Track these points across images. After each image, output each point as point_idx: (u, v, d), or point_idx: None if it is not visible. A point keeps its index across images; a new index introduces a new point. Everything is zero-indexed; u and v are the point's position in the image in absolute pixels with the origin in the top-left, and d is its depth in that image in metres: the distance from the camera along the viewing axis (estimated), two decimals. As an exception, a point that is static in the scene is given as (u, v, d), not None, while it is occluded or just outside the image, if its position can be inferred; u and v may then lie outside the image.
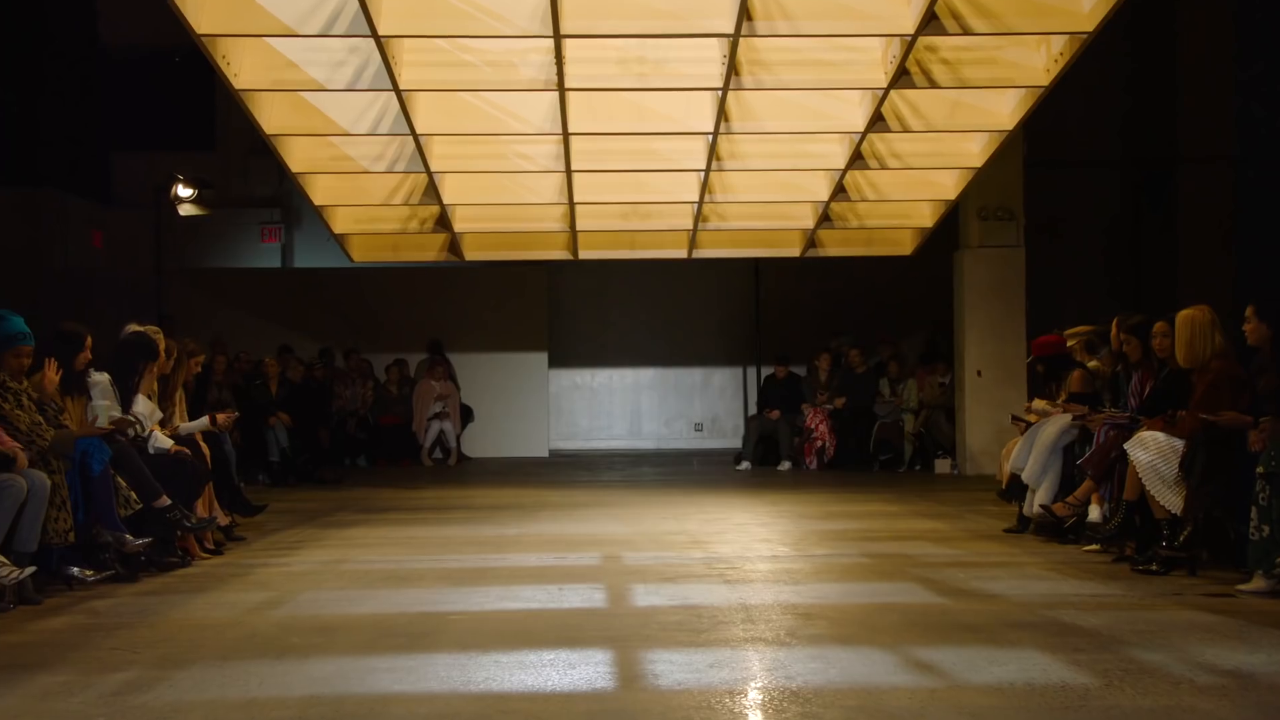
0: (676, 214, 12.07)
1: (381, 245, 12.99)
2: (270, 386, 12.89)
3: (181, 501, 7.07)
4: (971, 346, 12.97)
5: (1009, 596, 5.90)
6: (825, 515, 9.48)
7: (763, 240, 12.96)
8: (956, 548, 7.63)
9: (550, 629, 5.23)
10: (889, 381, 13.89)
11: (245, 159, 16.75)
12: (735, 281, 16.96)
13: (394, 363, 15.43)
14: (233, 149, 16.92)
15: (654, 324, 16.88)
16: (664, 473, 13.91)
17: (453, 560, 7.35)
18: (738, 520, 9.15)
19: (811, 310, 16.74)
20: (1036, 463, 7.94)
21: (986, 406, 12.77)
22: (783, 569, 6.79)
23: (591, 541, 8.12)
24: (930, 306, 15.83)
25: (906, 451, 13.64)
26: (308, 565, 7.19)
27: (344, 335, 15.81)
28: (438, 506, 10.60)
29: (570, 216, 11.88)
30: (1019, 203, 12.95)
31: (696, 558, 7.23)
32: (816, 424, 13.98)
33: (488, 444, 15.97)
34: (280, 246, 17.27)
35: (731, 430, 17.21)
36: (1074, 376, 8.27)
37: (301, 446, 12.86)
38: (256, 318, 15.75)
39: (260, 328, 15.54)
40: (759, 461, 14.32)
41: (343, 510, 10.17)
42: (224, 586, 6.48)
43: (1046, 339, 8.79)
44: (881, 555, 7.33)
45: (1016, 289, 12.94)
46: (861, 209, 12.08)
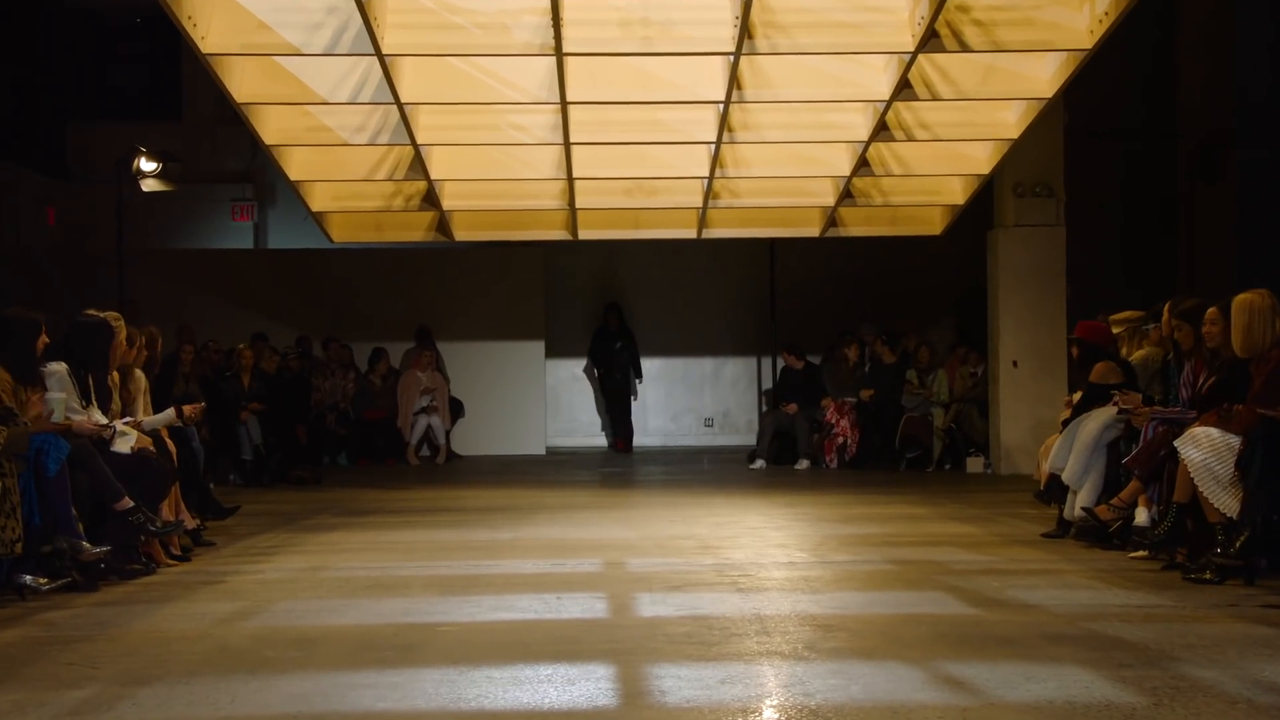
0: (684, 190, 12.05)
1: (363, 224, 12.98)
2: (242, 378, 12.88)
3: (145, 504, 7.07)
4: (1006, 335, 12.95)
5: (1048, 607, 5.89)
6: (846, 518, 9.48)
7: (779, 219, 12.95)
8: (990, 554, 7.62)
9: (548, 641, 5.22)
10: (917, 372, 13.87)
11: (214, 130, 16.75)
12: (748, 264, 16.94)
13: (377, 352, 15.44)
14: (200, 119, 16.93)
15: (660, 311, 16.88)
16: (671, 472, 13.90)
17: (442, 567, 7.34)
18: (751, 523, 9.15)
19: (832, 296, 16.72)
20: (1078, 461, 7.93)
21: (1023, 400, 12.76)
22: (800, 576, 6.78)
23: (592, 546, 8.11)
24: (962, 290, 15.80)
25: (935, 449, 13.63)
26: (284, 572, 7.18)
27: (322, 322, 15.81)
28: (425, 508, 10.59)
29: (569, 193, 11.87)
30: (1059, 178, 12.92)
31: (706, 564, 7.23)
32: (837, 419, 13.97)
33: (479, 441, 15.97)
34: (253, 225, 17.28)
35: (744, 426, 17.21)
36: (1097, 368, 8.25)
37: (276, 443, 12.86)
38: (227, 303, 15.75)
39: (231, 314, 15.54)
40: (774, 460, 14.32)
41: (322, 513, 10.17)
42: (192, 596, 6.48)
43: (1092, 323, 8.78)
44: (908, 562, 7.32)
45: (1056, 271, 12.91)
46: (886, 185, 12.06)
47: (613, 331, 16.24)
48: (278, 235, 17.26)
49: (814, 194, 12.16)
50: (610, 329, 16.25)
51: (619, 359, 16.25)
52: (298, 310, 15.94)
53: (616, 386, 16.35)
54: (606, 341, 16.27)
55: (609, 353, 16.27)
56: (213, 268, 16.14)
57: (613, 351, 16.26)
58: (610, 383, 16.41)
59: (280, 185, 15.89)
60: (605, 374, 16.41)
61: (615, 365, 16.26)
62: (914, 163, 11.40)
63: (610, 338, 16.27)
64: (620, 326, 16.29)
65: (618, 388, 16.36)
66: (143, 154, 15.08)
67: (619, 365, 16.25)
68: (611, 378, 16.35)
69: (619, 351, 16.26)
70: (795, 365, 14.67)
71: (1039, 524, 8.66)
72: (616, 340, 16.27)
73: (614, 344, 16.26)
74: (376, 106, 9.97)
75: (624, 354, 16.27)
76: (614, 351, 16.27)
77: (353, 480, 13.12)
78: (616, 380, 16.33)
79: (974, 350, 13.87)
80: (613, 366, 16.28)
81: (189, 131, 16.92)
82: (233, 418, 12.48)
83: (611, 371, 16.31)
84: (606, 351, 16.27)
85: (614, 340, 16.26)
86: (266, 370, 13.30)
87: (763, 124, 10.41)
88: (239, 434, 12.55)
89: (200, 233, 17.13)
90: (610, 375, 16.35)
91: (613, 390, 16.38)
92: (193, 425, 8.52)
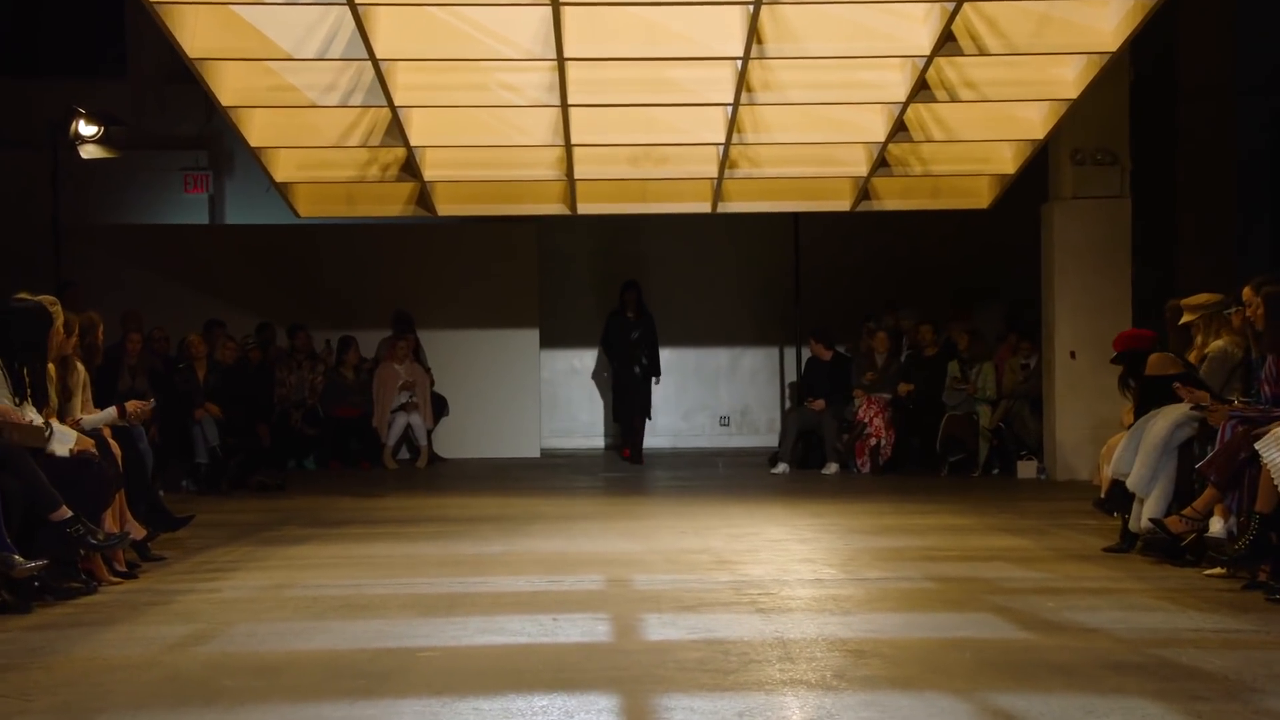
0: (698, 159, 12.03)
1: (334, 197, 12.98)
2: (196, 371, 12.89)
3: (86, 513, 7.07)
4: (1063, 322, 12.94)
5: (1110, 631, 5.88)
6: (881, 530, 9.49)
7: (804, 191, 12.92)
8: (1044, 570, 7.62)
9: (543, 668, 5.23)
10: (960, 365, 13.85)
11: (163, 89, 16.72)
12: (770, 242, 16.92)
13: (345, 341, 15.43)
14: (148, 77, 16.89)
15: (670, 295, 16.86)
16: (682, 477, 13.90)
17: (423, 584, 7.35)
18: (773, 535, 9.16)
19: (864, 277, 16.70)
20: (1144, 466, 7.91)
21: (1082, 395, 12.75)
22: (828, 595, 6.79)
23: (593, 561, 8.12)
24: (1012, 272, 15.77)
25: (982, 451, 13.63)
26: (244, 591, 7.19)
27: (287, 308, 15.82)
28: (404, 518, 10.62)
29: (566, 162, 11.85)
30: (1124, 143, 12.89)
31: (722, 581, 7.24)
32: (870, 417, 13.97)
33: (466, 442, 15.98)
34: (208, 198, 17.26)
35: (765, 425, 17.20)
36: (1152, 359, 8.24)
37: (235, 445, 12.87)
38: (179, 286, 15.75)
39: (184, 298, 15.55)
40: (799, 463, 14.32)
41: (287, 523, 10.19)
42: (139, 618, 6.47)
43: (1132, 333, 8.82)
44: (950, 579, 7.33)
45: (1120, 249, 12.89)
46: (927, 152, 12.02)
47: (629, 320, 15.35)
48: (236, 209, 17.25)
49: (844, 163, 12.13)
50: (626, 316, 15.38)
51: (637, 350, 15.28)
52: (259, 294, 15.93)
53: (634, 384, 15.30)
54: (622, 330, 15.39)
55: (625, 344, 15.32)
56: (162, 246, 16.14)
57: (629, 342, 15.32)
58: (627, 379, 15.38)
59: (239, 152, 15.88)
60: (621, 369, 15.45)
61: (634, 358, 15.27)
62: (958, 127, 11.36)
63: (626, 325, 15.39)
64: (639, 311, 15.41)
65: (636, 386, 15.31)
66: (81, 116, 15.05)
67: (638, 358, 15.27)
68: (629, 373, 15.34)
69: (637, 343, 15.31)
70: (823, 356, 14.65)
71: (1100, 537, 8.65)
72: (634, 328, 15.37)
73: (630, 333, 15.35)
74: (349, 63, 9.94)
75: (643, 345, 15.33)
76: (631, 343, 15.31)
77: (322, 486, 13.13)
78: (635, 377, 15.31)
79: (1026, 339, 13.85)
80: (630, 360, 15.30)
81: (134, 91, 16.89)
82: (186, 416, 12.49)
83: (629, 365, 15.33)
84: (623, 342, 15.34)
85: (631, 329, 15.37)
86: (224, 362, 13.30)
87: (786, 83, 10.38)
88: (193, 434, 12.55)
89: (148, 206, 17.12)
90: (627, 370, 15.36)
91: (629, 388, 15.34)
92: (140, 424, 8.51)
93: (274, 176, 12.20)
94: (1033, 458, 13.22)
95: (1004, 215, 13.81)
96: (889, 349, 14.54)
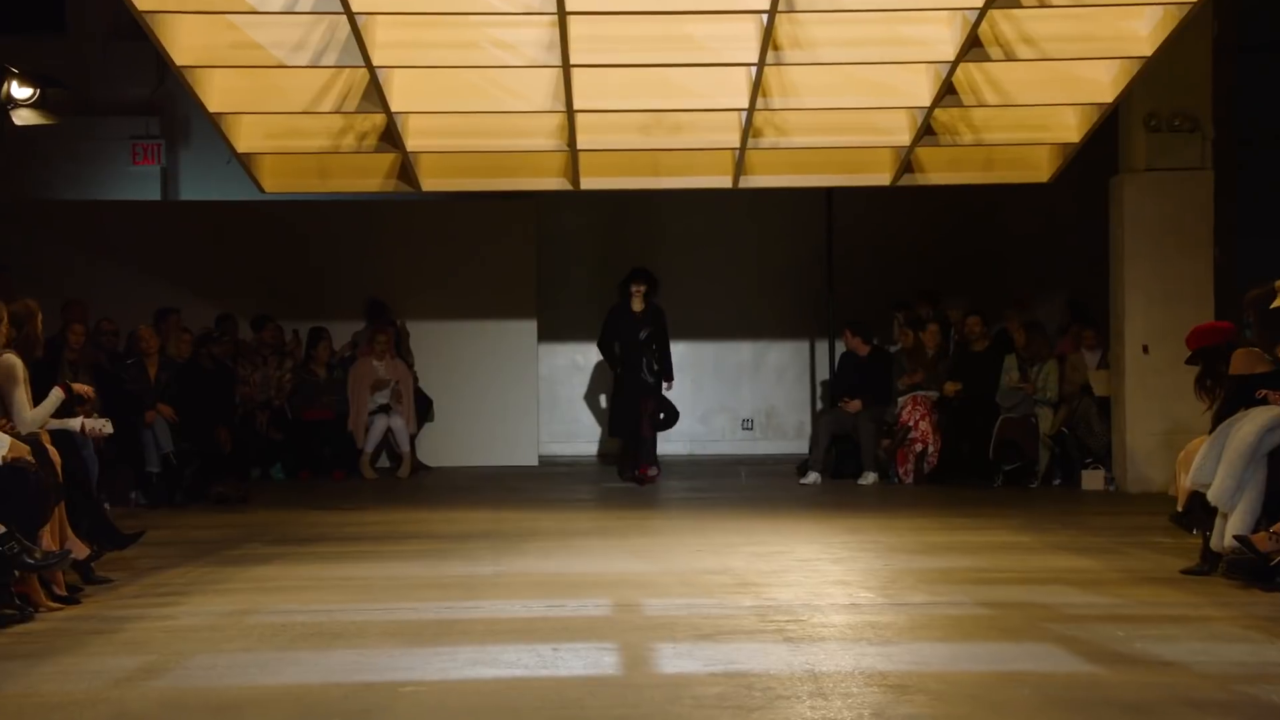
0: (717, 126, 12.02)
1: (304, 170, 12.97)
2: (147, 368, 12.89)
3: (20, 530, 7.07)
4: (1135, 312, 12.91)
5: (1189, 664, 5.86)
6: (925, 548, 9.48)
7: (839, 163, 12.90)
8: (1113, 594, 7.60)
9: (541, 705, 5.21)
10: (1018, 361, 13.82)
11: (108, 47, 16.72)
12: (799, 221, 16.91)
13: (316, 333, 15.42)
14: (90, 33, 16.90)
15: (686, 282, 16.84)
16: (699, 488, 13.89)
17: (405, 610, 7.35)
18: (803, 554, 9.15)
19: (906, 262, 16.68)
20: (1228, 476, 7.88)
21: (1156, 396, 12.73)
22: (866, 623, 6.78)
23: (599, 583, 8.11)
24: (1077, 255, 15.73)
25: (1042, 459, 13.61)
26: (201, 618, 7.17)
27: (251, 296, 15.83)
28: (384, 535, 10.62)
29: (568, 131, 11.84)
30: (1206, 107, 12.86)
31: (745, 606, 7.23)
32: (914, 420, 13.95)
33: (454, 448, 15.99)
34: (159, 170, 17.27)
35: (793, 429, 17.19)
36: (1237, 356, 8.21)
37: (191, 452, 12.86)
38: (127, 270, 15.77)
39: (132, 285, 15.57)
40: (832, 473, 14.32)
41: (251, 540, 10.18)
42: (82, 648, 6.46)
43: (1208, 326, 8.78)
44: (1005, 604, 7.31)
45: (1200, 228, 12.86)
46: (979, 118, 11.98)
47: (635, 316, 14.25)
48: (192, 183, 17.26)
49: (884, 130, 12.10)
50: (631, 310, 14.31)
51: (646, 352, 14.22)
52: (219, 281, 15.95)
53: (642, 393, 14.20)
54: (628, 327, 14.24)
55: (632, 344, 14.20)
56: (108, 225, 16.14)
57: (636, 342, 14.19)
58: (633, 387, 14.26)
59: (195, 119, 15.87)
60: (627, 375, 14.30)
61: (640, 362, 14.19)
62: (1014, 89, 11.32)
63: (633, 322, 14.25)
64: (649, 306, 14.34)
65: (643, 394, 14.21)
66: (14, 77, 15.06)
67: (647, 361, 14.20)
68: (635, 379, 14.22)
69: (646, 342, 14.21)
70: (859, 350, 14.63)
71: (1177, 556, 8.61)
72: (642, 326, 14.22)
73: (638, 331, 14.20)
74: (320, 17, 9.94)
75: (653, 345, 14.26)
76: (638, 342, 14.19)
77: (291, 499, 13.13)
78: (642, 384, 14.20)
79: (1091, 331, 13.81)
80: (637, 364, 14.20)
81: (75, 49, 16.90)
82: (135, 419, 12.48)
83: (635, 371, 14.20)
84: (628, 341, 14.22)
85: (638, 326, 14.22)
86: (178, 357, 13.31)
87: (818, 40, 10.37)
88: (143, 439, 12.55)
89: (91, 179, 17.13)
90: (633, 375, 14.22)
91: (634, 398, 14.22)
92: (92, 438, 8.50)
93: (235, 146, 12.19)
94: (1100, 466, 13.19)
95: (1067, 190, 13.76)
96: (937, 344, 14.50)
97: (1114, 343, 13.21)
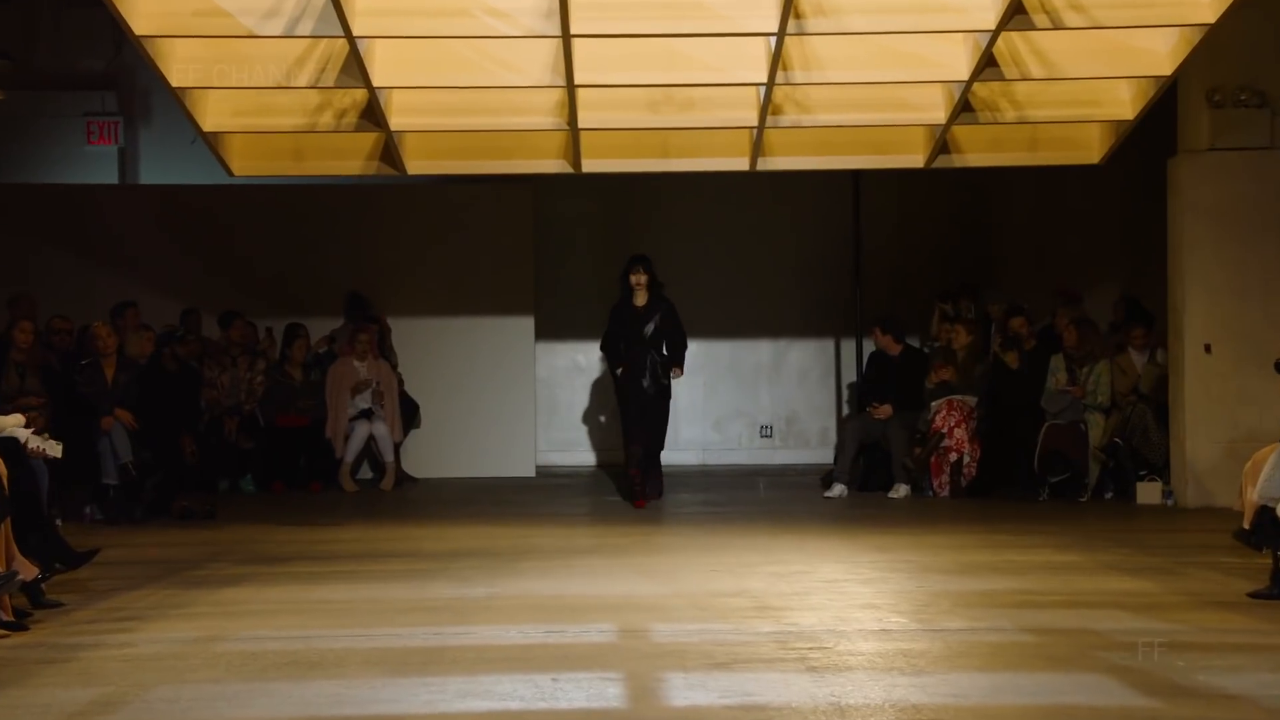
0: (733, 102, 12.00)
1: (277, 151, 12.97)
2: (104, 369, 12.87)
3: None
4: (1196, 307, 12.88)
5: (1257, 698, 5.84)
6: (963, 568, 9.47)
7: (867, 143, 12.89)
8: (1172, 620, 7.57)
9: (538, 744, 5.21)
10: (1067, 361, 13.79)
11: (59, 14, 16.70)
12: (824, 208, 16.89)
13: (292, 330, 15.41)
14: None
15: (698, 274, 16.83)
16: (713, 502, 13.89)
17: (389, 636, 7.34)
18: (827, 575, 9.15)
19: (941, 252, 16.64)
20: (1300, 489, 7.87)
21: (1218, 400, 12.71)
22: (898, 650, 6.77)
23: (602, 607, 8.12)
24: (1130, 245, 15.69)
25: (1092, 470, 13.57)
26: (163, 645, 7.15)
27: (218, 290, 15.82)
28: (366, 554, 10.60)
29: (569, 108, 11.83)
30: (1275, 80, 12.80)
31: (764, 632, 7.22)
32: (950, 426, 13.92)
33: (443, 458, 15.98)
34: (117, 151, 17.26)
35: (817, 436, 17.17)
36: None
37: (153, 462, 12.84)
38: (81, 261, 15.76)
39: (87, 277, 15.58)
40: (860, 485, 14.30)
41: (218, 560, 10.16)
42: (30, 679, 6.43)
43: None
44: (1053, 630, 7.30)
45: (1268, 214, 12.80)
46: (1022, 93, 11.96)
47: (637, 311, 13.48)
48: (153, 165, 17.25)
49: (917, 106, 12.08)
50: (633, 305, 13.52)
51: (651, 352, 13.38)
52: (183, 273, 15.94)
53: (645, 401, 13.33)
54: (632, 323, 13.50)
55: (637, 342, 13.41)
56: (60, 211, 16.12)
57: (641, 339, 13.39)
58: (636, 395, 13.37)
59: (157, 94, 15.87)
60: (630, 379, 13.42)
61: (644, 364, 13.33)
62: (1062, 60, 11.29)
63: (636, 317, 13.48)
64: (654, 297, 13.56)
65: (648, 403, 13.35)
66: (-42, 48, 15.11)
67: (651, 364, 13.35)
68: (637, 386, 13.35)
69: (652, 339, 13.39)
70: (890, 350, 14.62)
71: (1244, 578, 8.58)
72: (647, 320, 13.41)
73: (642, 326, 13.38)
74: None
75: (659, 342, 13.44)
76: (643, 340, 13.37)
77: (262, 514, 13.11)
78: (646, 392, 13.32)
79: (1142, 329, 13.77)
80: (639, 368, 13.34)
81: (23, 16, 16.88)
82: (90, 426, 12.46)
83: (637, 376, 13.34)
84: (633, 340, 13.43)
85: (643, 321, 13.42)
86: (138, 358, 13.29)
87: (844, 7, 10.35)
88: (99, 449, 12.52)
89: (42, 160, 17.12)
90: (634, 382, 13.36)
91: (638, 405, 13.36)
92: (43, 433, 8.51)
93: (200, 125, 12.18)
94: (1156, 478, 13.15)
95: (1120, 173, 13.72)
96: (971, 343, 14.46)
97: (1172, 341, 13.13)
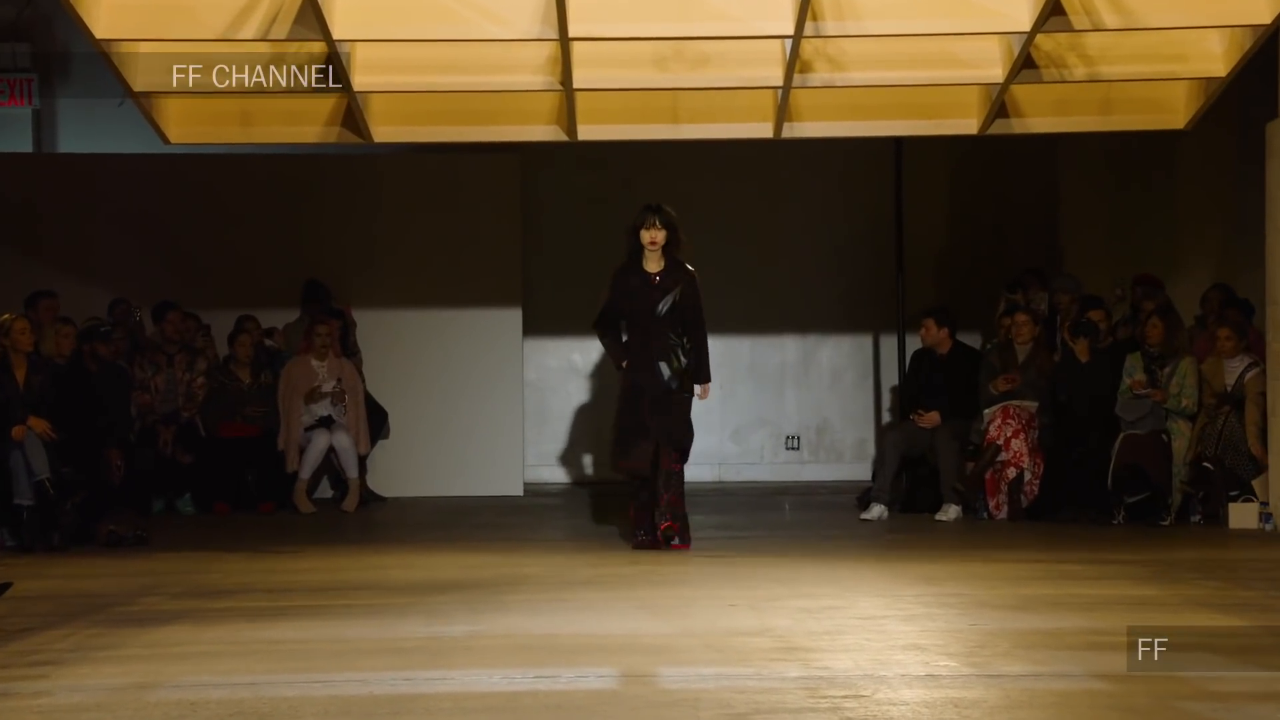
0: (754, 59, 12.03)
1: (220, 115, 13.00)
2: (14, 370, 12.87)
3: None
4: (1299, 296, 12.94)
5: (1367, 752, 5.85)
6: (1024, 603, 9.47)
7: (910, 106, 12.93)
8: (1270, 665, 7.56)
9: (526, 808, 5.22)
10: (1145, 359, 13.77)
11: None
12: (861, 182, 16.94)
13: (241, 325, 15.42)
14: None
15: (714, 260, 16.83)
16: (730, 525, 13.92)
17: (353, 682, 7.34)
18: (865, 610, 9.16)
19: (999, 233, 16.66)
20: None
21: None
22: (947, 699, 6.76)
23: (601, 647, 8.13)
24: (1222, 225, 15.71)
25: (1176, 489, 13.56)
26: (86, 694, 7.13)
27: (151, 277, 15.86)
28: (325, 586, 10.62)
29: (562, 65, 11.84)
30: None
31: (791, 678, 7.21)
32: (1007, 437, 13.93)
33: (415, 474, 16.02)
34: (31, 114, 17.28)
35: (852, 449, 17.22)
36: None
37: (74, 478, 12.84)
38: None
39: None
40: (903, 505, 14.35)
41: (152, 593, 10.16)
42: (-64, 729, 6.47)
43: None
44: (1129, 678, 7.28)
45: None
46: (1093, 46, 11.98)
47: (651, 280, 11.91)
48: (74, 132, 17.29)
49: (969, 63, 12.10)
50: (644, 271, 11.97)
51: (669, 333, 11.92)
52: (112, 257, 15.97)
53: (659, 393, 11.88)
54: (641, 296, 11.94)
55: (647, 322, 11.92)
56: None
57: (653, 319, 11.88)
58: (651, 390, 11.90)
59: (78, 47, 15.88)
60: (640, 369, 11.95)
61: (657, 351, 11.88)
62: (1141, 8, 11.31)
63: (647, 287, 11.94)
64: (671, 264, 12.03)
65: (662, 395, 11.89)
66: None
67: (666, 350, 11.89)
68: (650, 376, 11.90)
69: (669, 320, 11.92)
70: (939, 347, 14.60)
71: (1352, 615, 8.62)
72: (662, 294, 11.87)
73: (655, 302, 11.86)
74: (242, -83, 9.95)
75: (676, 324, 11.97)
76: (656, 320, 11.89)
77: (203, 539, 13.12)
78: (660, 386, 11.89)
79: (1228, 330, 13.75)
80: (650, 356, 11.89)
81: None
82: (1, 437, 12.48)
83: (649, 368, 11.91)
84: (641, 320, 11.94)
85: (656, 294, 11.87)
86: (56, 356, 13.31)
87: (885, -54, 10.39)
88: (10, 463, 12.53)
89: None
90: (647, 372, 11.91)
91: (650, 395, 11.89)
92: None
93: (131, 84, 12.20)
94: (1252, 498, 13.15)
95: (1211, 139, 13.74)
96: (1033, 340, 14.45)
97: (1271, 337, 13.14)
